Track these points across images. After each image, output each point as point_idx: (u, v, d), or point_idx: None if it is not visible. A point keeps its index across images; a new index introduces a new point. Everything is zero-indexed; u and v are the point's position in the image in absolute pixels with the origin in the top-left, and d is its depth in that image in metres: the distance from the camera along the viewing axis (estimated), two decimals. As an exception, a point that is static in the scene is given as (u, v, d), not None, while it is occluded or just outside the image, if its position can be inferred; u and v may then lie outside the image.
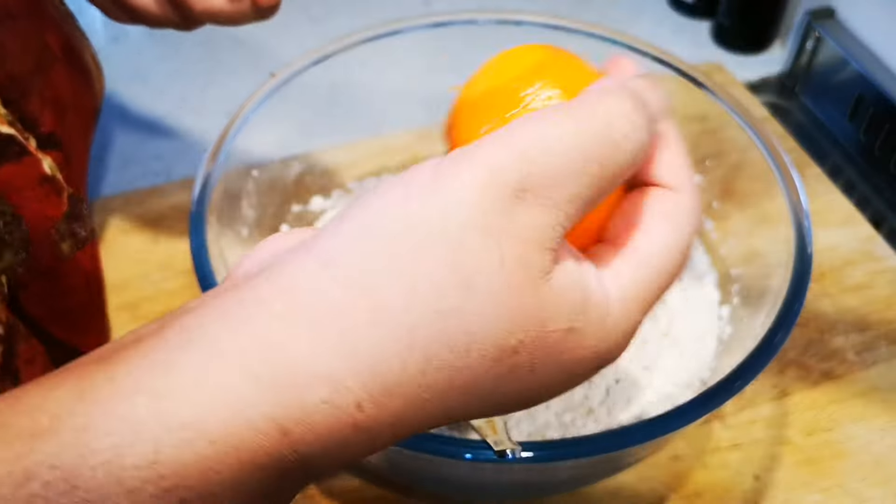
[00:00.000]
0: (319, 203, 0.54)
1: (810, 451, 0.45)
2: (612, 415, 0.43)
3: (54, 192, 0.41)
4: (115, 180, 0.61)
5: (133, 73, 0.65)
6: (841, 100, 0.67)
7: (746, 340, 0.41)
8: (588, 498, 0.43)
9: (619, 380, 0.45)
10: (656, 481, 0.44)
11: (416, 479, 0.42)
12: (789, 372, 0.49)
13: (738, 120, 0.47)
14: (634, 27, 0.76)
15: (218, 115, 0.49)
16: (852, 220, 0.57)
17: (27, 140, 0.40)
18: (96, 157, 0.62)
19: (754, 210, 0.48)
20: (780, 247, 0.42)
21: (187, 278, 0.52)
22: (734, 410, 0.47)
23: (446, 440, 0.34)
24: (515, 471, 0.37)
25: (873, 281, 0.53)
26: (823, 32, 0.67)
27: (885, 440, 0.46)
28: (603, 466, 0.39)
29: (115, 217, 0.56)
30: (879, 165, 0.64)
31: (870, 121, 0.64)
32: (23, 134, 0.40)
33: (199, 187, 0.42)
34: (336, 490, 0.44)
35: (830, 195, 0.58)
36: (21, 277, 0.40)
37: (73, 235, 0.43)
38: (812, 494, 0.44)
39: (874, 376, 0.49)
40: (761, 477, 0.44)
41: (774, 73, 0.72)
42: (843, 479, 0.44)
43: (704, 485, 0.44)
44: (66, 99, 0.47)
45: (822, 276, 0.53)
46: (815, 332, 0.50)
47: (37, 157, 0.40)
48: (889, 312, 0.52)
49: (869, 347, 0.50)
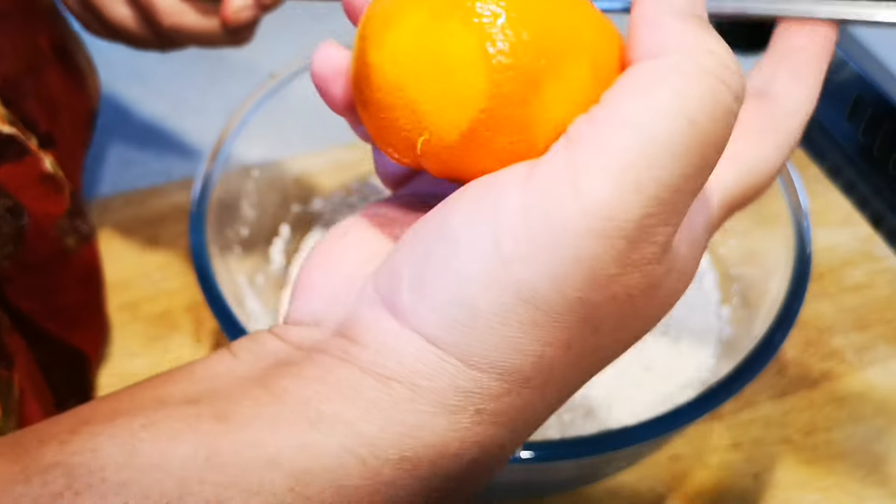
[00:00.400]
0: (320, 204, 0.54)
1: (809, 450, 0.45)
2: (612, 415, 0.43)
3: (55, 189, 0.41)
4: (115, 180, 0.61)
5: (133, 73, 0.65)
6: (840, 100, 0.67)
7: (746, 340, 0.41)
8: (588, 498, 0.43)
9: (618, 380, 0.45)
10: (656, 481, 0.44)
11: (416, 479, 0.42)
12: (789, 372, 0.49)
13: (738, 120, 0.47)
14: (634, 27, 0.76)
15: (218, 116, 0.49)
16: (851, 220, 0.57)
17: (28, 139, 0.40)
18: (96, 157, 0.62)
19: (754, 210, 0.48)
20: (780, 247, 0.42)
21: (187, 278, 0.52)
22: (734, 410, 0.47)
23: (447, 440, 0.35)
24: (515, 471, 0.37)
25: (872, 281, 0.53)
26: (822, 33, 0.67)
27: (883, 440, 0.46)
28: (603, 466, 0.39)
29: (115, 217, 0.56)
30: (878, 165, 0.64)
31: (869, 121, 0.64)
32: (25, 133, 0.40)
33: (199, 187, 0.42)
34: (336, 490, 0.44)
35: (829, 195, 0.58)
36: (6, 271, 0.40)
37: (76, 231, 0.43)
38: (811, 494, 0.44)
39: (873, 376, 0.49)
40: (761, 476, 0.44)
41: (773, 73, 0.72)
42: (842, 478, 0.44)
43: (704, 485, 0.44)
44: (59, 99, 0.47)
45: (821, 276, 0.53)
46: (815, 331, 0.50)
47: (38, 156, 0.40)
48: (888, 312, 0.52)
49: (868, 347, 0.50)
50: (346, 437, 0.17)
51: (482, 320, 0.17)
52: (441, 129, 0.19)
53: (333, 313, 0.20)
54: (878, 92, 0.63)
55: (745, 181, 0.21)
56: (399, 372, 0.18)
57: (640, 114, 0.17)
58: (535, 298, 0.17)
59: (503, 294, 0.17)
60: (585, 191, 0.17)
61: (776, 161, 0.22)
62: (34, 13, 0.46)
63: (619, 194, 0.17)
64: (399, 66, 0.19)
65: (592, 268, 0.17)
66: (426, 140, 0.19)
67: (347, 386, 0.18)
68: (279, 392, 0.18)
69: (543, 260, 0.17)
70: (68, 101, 0.48)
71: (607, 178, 0.17)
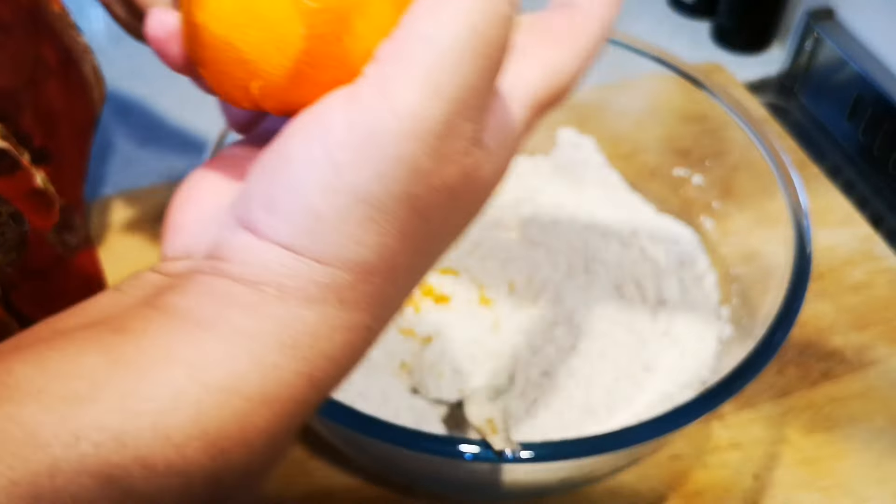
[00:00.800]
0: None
1: (810, 450, 0.45)
2: (612, 415, 0.43)
3: (45, 204, 0.42)
4: (116, 180, 0.61)
5: (133, 73, 0.65)
6: (840, 100, 0.67)
7: (746, 340, 0.41)
8: (588, 498, 0.43)
9: (618, 380, 0.45)
10: (656, 481, 0.44)
11: (416, 479, 0.42)
12: (789, 372, 0.49)
13: (738, 120, 0.47)
14: (634, 27, 0.76)
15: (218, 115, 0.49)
16: (851, 219, 0.57)
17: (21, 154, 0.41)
18: (97, 157, 0.62)
19: (754, 210, 0.48)
20: (780, 247, 0.42)
21: (188, 278, 0.52)
22: (734, 410, 0.47)
23: (446, 440, 0.35)
24: (515, 471, 0.37)
25: (872, 281, 0.53)
26: (823, 33, 0.67)
27: (883, 439, 0.46)
28: (603, 466, 0.39)
29: (115, 217, 0.57)
30: (878, 165, 0.64)
31: (869, 121, 0.64)
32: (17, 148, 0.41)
33: (199, 187, 0.42)
34: (336, 490, 0.44)
35: (830, 195, 0.58)
36: (11, 277, 0.40)
37: (63, 244, 0.44)
38: (811, 494, 0.44)
39: (873, 376, 0.49)
40: (761, 476, 0.44)
41: (774, 73, 0.72)
42: (842, 478, 0.44)
43: (704, 484, 0.44)
44: (58, 112, 0.47)
45: (821, 276, 0.53)
46: (815, 331, 0.51)
47: (29, 171, 0.41)
48: (888, 312, 0.52)
49: (868, 347, 0.50)
50: (231, 332, 0.20)
51: (325, 223, 0.20)
52: (270, 73, 0.21)
53: (201, 244, 0.23)
54: (879, 92, 0.63)
55: (551, 82, 0.24)
56: (265, 276, 0.21)
57: (431, 29, 0.20)
58: (368, 198, 0.20)
59: (339, 198, 0.20)
60: (396, 100, 0.20)
61: (578, 63, 0.24)
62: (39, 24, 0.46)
63: (423, 99, 0.20)
64: (223, 22, 0.21)
65: (412, 164, 0.20)
66: (259, 86, 0.22)
67: (224, 294, 0.21)
68: (165, 307, 0.20)
69: (370, 163, 0.20)
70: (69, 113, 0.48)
71: (412, 86, 0.20)
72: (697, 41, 0.74)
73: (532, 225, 0.53)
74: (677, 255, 0.50)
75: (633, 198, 0.54)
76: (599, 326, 0.47)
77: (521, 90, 0.23)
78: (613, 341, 0.46)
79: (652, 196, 0.54)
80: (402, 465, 0.39)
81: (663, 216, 0.53)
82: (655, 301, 0.48)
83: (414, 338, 0.47)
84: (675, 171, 0.54)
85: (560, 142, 0.55)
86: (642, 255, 0.50)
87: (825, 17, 0.68)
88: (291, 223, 0.20)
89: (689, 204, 0.53)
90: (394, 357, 0.46)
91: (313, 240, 0.20)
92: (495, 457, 0.33)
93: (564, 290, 0.48)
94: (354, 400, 0.43)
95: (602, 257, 0.50)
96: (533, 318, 0.47)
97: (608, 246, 0.50)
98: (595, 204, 0.53)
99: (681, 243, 0.51)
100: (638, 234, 0.51)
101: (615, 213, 0.52)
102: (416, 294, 0.49)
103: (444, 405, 0.45)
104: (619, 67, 0.51)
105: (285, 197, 0.21)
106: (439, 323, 0.47)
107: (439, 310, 0.48)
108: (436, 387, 0.44)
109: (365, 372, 0.44)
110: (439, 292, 0.49)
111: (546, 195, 0.54)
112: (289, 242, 0.21)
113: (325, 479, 0.44)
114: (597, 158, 0.55)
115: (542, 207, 0.53)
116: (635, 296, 0.49)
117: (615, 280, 0.49)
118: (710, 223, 0.52)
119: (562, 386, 0.44)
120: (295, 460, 0.45)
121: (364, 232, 0.20)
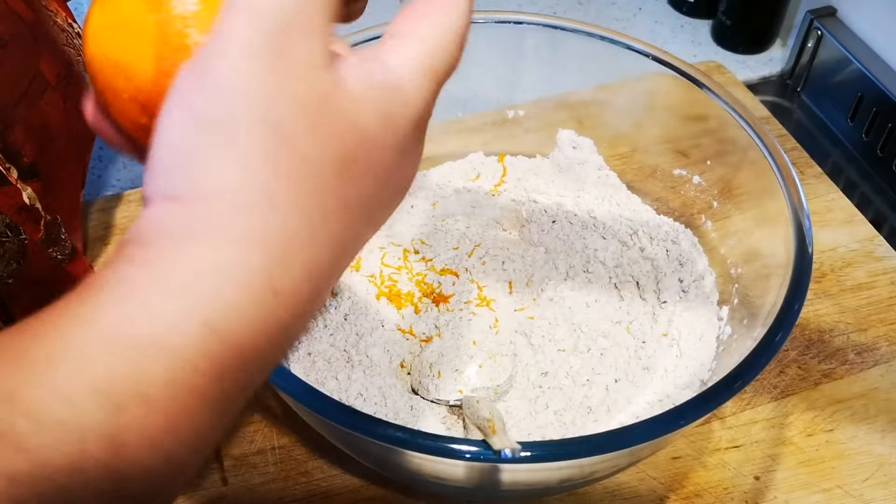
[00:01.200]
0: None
1: (811, 451, 0.45)
2: (612, 415, 0.43)
3: (32, 220, 0.43)
4: (116, 180, 0.62)
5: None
6: (842, 99, 0.67)
7: (746, 340, 0.41)
8: (588, 498, 0.43)
9: (618, 380, 0.45)
10: (656, 481, 0.44)
11: (416, 479, 0.42)
12: (789, 372, 0.49)
13: (739, 120, 0.47)
14: (634, 27, 0.76)
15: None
16: (853, 220, 0.57)
17: (8, 171, 0.42)
18: (97, 157, 0.62)
19: (754, 210, 0.48)
20: (780, 247, 0.42)
21: (187, 278, 0.52)
22: (734, 410, 0.47)
23: (446, 440, 0.34)
24: (515, 471, 0.37)
25: (874, 281, 0.53)
26: (824, 31, 0.67)
27: (886, 441, 0.46)
28: (603, 466, 0.39)
29: (115, 217, 0.57)
30: (880, 165, 0.64)
31: (871, 120, 0.64)
32: (4, 165, 0.41)
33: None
34: (336, 490, 0.44)
35: (831, 195, 0.58)
36: (11, 288, 0.41)
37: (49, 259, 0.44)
38: (813, 495, 0.44)
39: (875, 377, 0.48)
40: (761, 477, 0.44)
41: (775, 72, 0.72)
42: (844, 480, 0.44)
43: (704, 485, 0.44)
44: (54, 127, 0.47)
45: (822, 277, 0.53)
46: (816, 332, 0.50)
47: (17, 188, 0.42)
48: (890, 313, 0.51)
49: (869, 348, 0.50)
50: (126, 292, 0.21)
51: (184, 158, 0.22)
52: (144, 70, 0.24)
53: None
54: (881, 91, 0.63)
55: (434, 52, 0.25)
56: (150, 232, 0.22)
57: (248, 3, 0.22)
58: (218, 125, 0.21)
59: (196, 134, 0.21)
60: (222, 38, 0.21)
61: (454, 32, 0.25)
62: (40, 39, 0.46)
63: (245, 26, 0.21)
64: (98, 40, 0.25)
65: (251, 85, 0.21)
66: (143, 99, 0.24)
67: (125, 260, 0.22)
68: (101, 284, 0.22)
69: (214, 94, 0.21)
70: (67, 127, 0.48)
71: (235, 21, 0.21)
72: (698, 41, 0.74)
73: (532, 225, 0.53)
74: (677, 255, 0.50)
75: (633, 198, 0.54)
76: (599, 326, 0.47)
77: (407, 66, 0.24)
78: (613, 341, 0.46)
79: (651, 196, 0.54)
80: (402, 465, 0.39)
81: (663, 216, 0.53)
82: (655, 301, 0.48)
83: (413, 338, 0.47)
84: (675, 171, 0.54)
85: (560, 142, 0.55)
86: (642, 255, 0.50)
87: (827, 16, 0.68)
88: (160, 174, 0.22)
89: (689, 204, 0.53)
90: (394, 357, 0.46)
91: (180, 177, 0.22)
92: (495, 457, 0.33)
93: (564, 290, 0.48)
94: (354, 400, 0.43)
95: (602, 257, 0.50)
96: (533, 319, 0.47)
97: (608, 246, 0.50)
98: (594, 204, 0.53)
99: (680, 243, 0.50)
100: (637, 235, 0.51)
101: (615, 213, 0.52)
102: (416, 294, 0.49)
103: (444, 405, 0.45)
104: (619, 67, 0.51)
105: (155, 155, 0.22)
106: (439, 323, 0.47)
107: (439, 310, 0.48)
108: (434, 388, 0.44)
109: (365, 372, 0.44)
110: (439, 292, 0.49)
111: (546, 195, 0.54)
112: (159, 192, 0.22)
113: (325, 479, 0.44)
114: (596, 159, 0.55)
115: (541, 207, 0.53)
116: (635, 296, 0.49)
117: (615, 280, 0.49)
118: (710, 223, 0.51)
119: (562, 386, 0.44)
120: (295, 460, 0.45)
121: (223, 162, 0.21)
